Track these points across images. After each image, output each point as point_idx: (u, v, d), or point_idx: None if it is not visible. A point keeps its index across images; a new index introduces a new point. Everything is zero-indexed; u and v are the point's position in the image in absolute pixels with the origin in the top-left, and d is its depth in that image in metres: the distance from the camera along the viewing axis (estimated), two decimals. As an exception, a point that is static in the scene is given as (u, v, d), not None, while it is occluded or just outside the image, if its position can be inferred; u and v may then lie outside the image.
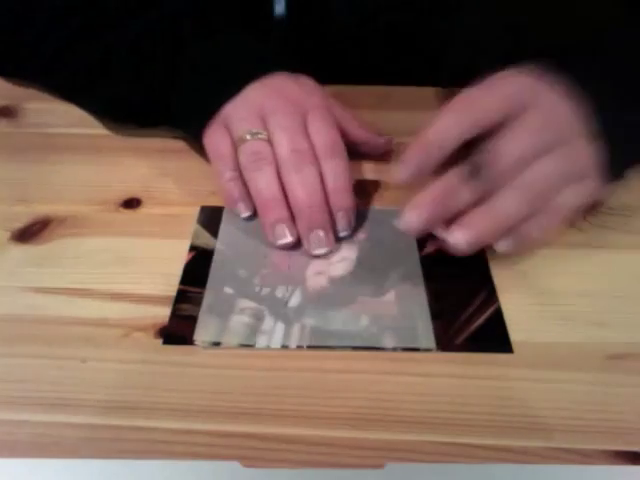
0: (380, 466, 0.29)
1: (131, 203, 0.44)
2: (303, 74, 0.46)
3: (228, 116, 0.43)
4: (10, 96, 0.54)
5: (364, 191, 0.45)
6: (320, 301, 0.37)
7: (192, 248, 0.41)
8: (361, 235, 0.42)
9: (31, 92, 0.55)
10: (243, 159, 0.41)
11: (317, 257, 0.40)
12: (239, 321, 0.36)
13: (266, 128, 0.42)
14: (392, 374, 0.34)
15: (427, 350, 0.35)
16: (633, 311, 0.37)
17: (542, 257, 0.40)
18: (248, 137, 0.41)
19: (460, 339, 0.35)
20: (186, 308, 0.37)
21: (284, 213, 0.40)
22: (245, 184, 0.42)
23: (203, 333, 0.36)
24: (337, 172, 0.41)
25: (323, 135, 0.42)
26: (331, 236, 0.40)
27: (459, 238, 0.35)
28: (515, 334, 0.35)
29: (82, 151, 0.49)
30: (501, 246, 0.36)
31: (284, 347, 0.35)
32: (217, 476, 0.29)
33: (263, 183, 0.40)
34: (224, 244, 0.41)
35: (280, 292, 0.38)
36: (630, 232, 0.42)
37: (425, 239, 0.40)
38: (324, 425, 0.31)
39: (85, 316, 0.37)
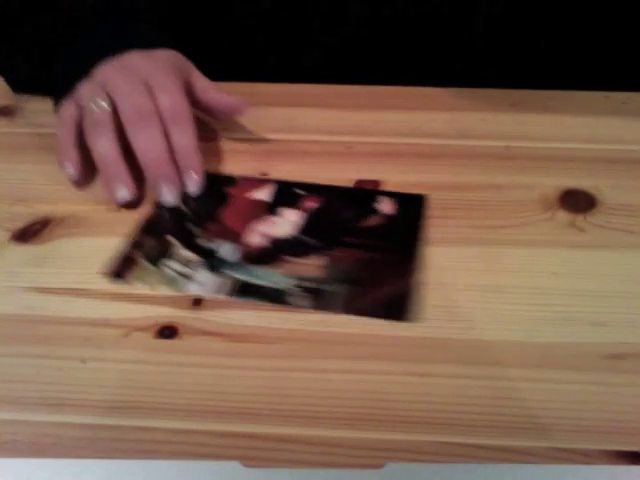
0: (380, 466, 0.29)
1: (131, 203, 0.44)
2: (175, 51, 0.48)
3: (77, 94, 0.46)
4: (10, 96, 0.54)
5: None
6: (255, 258, 0.40)
7: (157, 204, 0.43)
8: (313, 204, 0.44)
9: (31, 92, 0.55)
10: (85, 127, 0.44)
11: (262, 218, 0.43)
12: (175, 268, 0.39)
13: (110, 97, 0.44)
14: (392, 374, 0.34)
15: (336, 312, 0.37)
16: (633, 311, 0.37)
17: (542, 257, 0.40)
18: (92, 106, 0.44)
19: (366, 304, 0.37)
20: (132, 252, 0.40)
21: (121, 170, 0.42)
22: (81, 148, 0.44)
23: (140, 275, 0.39)
24: (182, 133, 0.43)
25: (167, 99, 0.44)
26: (180, 188, 0.43)
27: None
28: (515, 334, 0.35)
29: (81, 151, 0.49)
30: None
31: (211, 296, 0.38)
32: (217, 476, 0.29)
33: (101, 146, 0.43)
34: (185, 204, 0.44)
35: (220, 246, 0.41)
36: (630, 232, 0.42)
37: (370, 213, 0.43)
38: (324, 425, 0.31)
39: (85, 316, 0.37)
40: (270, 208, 0.44)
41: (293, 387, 0.33)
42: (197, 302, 0.37)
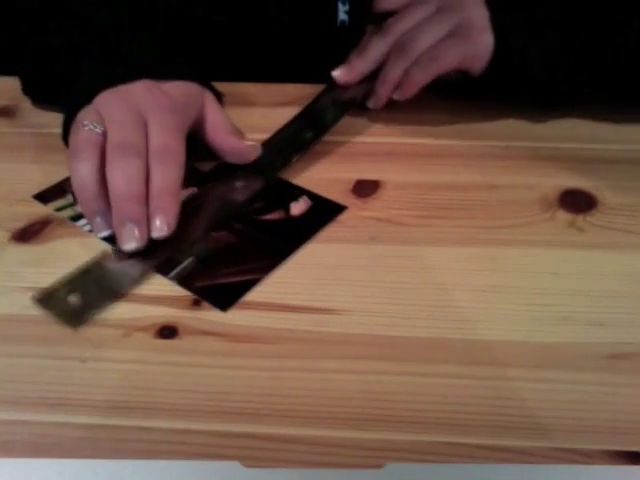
0: (380, 466, 0.29)
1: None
2: (198, 83, 0.47)
3: (77, 120, 0.43)
4: (10, 96, 0.54)
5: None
6: None
7: None
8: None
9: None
10: (69, 147, 0.43)
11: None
12: None
13: (103, 123, 0.42)
14: (392, 374, 0.34)
15: (172, 281, 0.38)
16: (633, 311, 0.37)
17: (542, 257, 0.40)
18: (85, 128, 0.42)
19: (201, 284, 0.38)
20: (67, 185, 0.45)
21: (100, 205, 0.40)
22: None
23: (60, 205, 0.44)
24: (164, 174, 0.40)
25: (158, 137, 0.42)
26: (144, 232, 0.39)
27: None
28: (515, 334, 0.35)
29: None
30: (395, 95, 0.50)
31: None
32: (217, 476, 0.29)
33: (80, 173, 0.41)
34: None
35: None
36: (630, 232, 0.42)
37: (278, 208, 0.44)
38: (324, 425, 0.31)
39: (85, 316, 0.37)
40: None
41: (293, 387, 0.33)
42: (197, 302, 0.37)
